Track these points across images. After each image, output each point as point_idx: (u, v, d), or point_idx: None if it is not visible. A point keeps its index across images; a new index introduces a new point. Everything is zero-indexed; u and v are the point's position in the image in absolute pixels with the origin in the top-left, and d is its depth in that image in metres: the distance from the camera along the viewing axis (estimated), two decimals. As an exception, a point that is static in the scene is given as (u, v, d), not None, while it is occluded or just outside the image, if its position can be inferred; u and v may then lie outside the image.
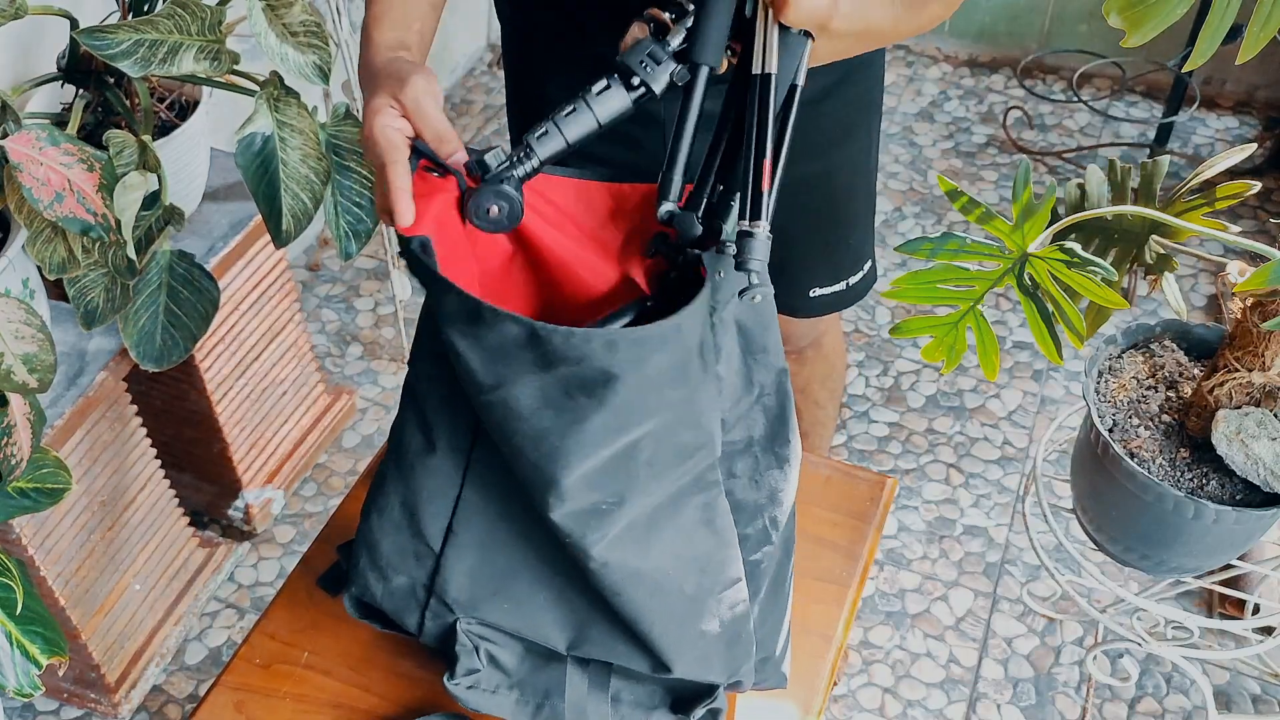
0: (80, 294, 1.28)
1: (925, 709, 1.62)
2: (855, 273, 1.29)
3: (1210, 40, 0.78)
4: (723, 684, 0.89)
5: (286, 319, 1.74)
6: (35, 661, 1.13)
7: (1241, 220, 2.33)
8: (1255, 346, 1.01)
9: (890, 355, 2.12)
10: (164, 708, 1.65)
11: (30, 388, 1.09)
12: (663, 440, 0.76)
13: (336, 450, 1.97)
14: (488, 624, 0.89)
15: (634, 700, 0.91)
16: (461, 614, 0.88)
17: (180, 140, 1.42)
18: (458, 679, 0.90)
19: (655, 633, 0.83)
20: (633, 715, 0.91)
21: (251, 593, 1.78)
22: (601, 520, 0.77)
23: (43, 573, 1.42)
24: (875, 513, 1.12)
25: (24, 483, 1.18)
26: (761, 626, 0.90)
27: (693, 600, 0.83)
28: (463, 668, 0.89)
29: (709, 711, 0.90)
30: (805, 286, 1.27)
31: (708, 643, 0.85)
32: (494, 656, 0.90)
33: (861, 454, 1.96)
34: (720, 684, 0.89)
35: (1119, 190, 1.12)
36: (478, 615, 0.88)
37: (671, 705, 0.92)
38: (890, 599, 1.75)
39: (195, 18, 1.20)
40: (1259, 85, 2.61)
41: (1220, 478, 1.04)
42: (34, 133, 1.10)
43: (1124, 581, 1.71)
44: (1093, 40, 2.66)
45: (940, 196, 2.42)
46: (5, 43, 1.47)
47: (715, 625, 0.85)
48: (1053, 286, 0.98)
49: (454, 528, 0.85)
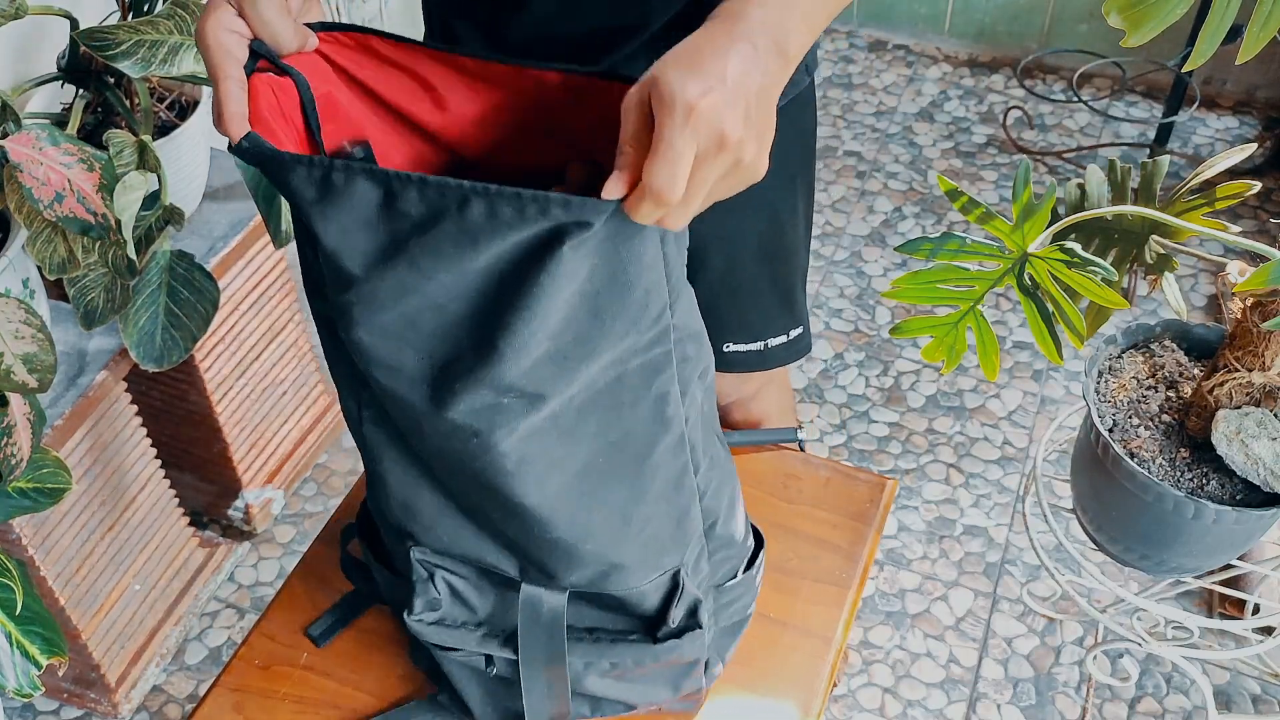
0: (80, 294, 1.28)
1: (925, 709, 1.62)
2: (777, 335, 1.21)
3: (1210, 40, 0.78)
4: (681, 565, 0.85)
5: (286, 319, 1.74)
6: (35, 661, 1.13)
7: (1241, 220, 2.33)
8: (1255, 346, 1.01)
9: (890, 355, 2.12)
10: (164, 708, 1.65)
11: (30, 388, 1.09)
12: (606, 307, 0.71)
13: (336, 450, 1.97)
14: (439, 551, 0.85)
15: (611, 627, 0.88)
16: (411, 542, 0.85)
17: (180, 140, 1.42)
18: (418, 614, 0.87)
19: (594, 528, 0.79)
20: (610, 638, 0.88)
21: (251, 593, 1.78)
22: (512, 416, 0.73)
23: (43, 573, 1.42)
24: (875, 514, 1.12)
25: (24, 483, 1.18)
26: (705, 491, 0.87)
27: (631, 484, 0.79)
28: (421, 601, 0.86)
29: (688, 610, 0.87)
30: (718, 339, 1.17)
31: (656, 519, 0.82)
32: (454, 588, 0.87)
33: (861, 454, 1.95)
34: (678, 566, 0.85)
35: (1119, 190, 1.12)
36: (426, 543, 0.85)
37: (649, 627, 0.88)
38: (890, 599, 1.75)
39: (195, 18, 1.20)
40: (1259, 85, 2.61)
41: (1220, 478, 1.04)
42: (34, 133, 1.10)
43: (1124, 581, 1.71)
44: (1093, 40, 2.66)
45: (940, 196, 2.42)
46: (5, 43, 1.47)
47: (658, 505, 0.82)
48: (1053, 286, 0.98)
49: (373, 464, 0.82)
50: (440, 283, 0.68)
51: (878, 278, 2.27)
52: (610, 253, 0.68)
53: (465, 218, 0.65)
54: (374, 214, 0.66)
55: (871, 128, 2.62)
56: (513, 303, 0.68)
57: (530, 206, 0.63)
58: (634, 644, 0.88)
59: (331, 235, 0.67)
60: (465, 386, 0.71)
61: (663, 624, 0.87)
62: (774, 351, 1.22)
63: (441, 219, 0.65)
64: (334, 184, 0.65)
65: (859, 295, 2.23)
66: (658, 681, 0.92)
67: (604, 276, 0.69)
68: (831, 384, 2.07)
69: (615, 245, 0.68)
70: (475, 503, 0.81)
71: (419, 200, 0.65)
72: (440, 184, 0.64)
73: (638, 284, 0.71)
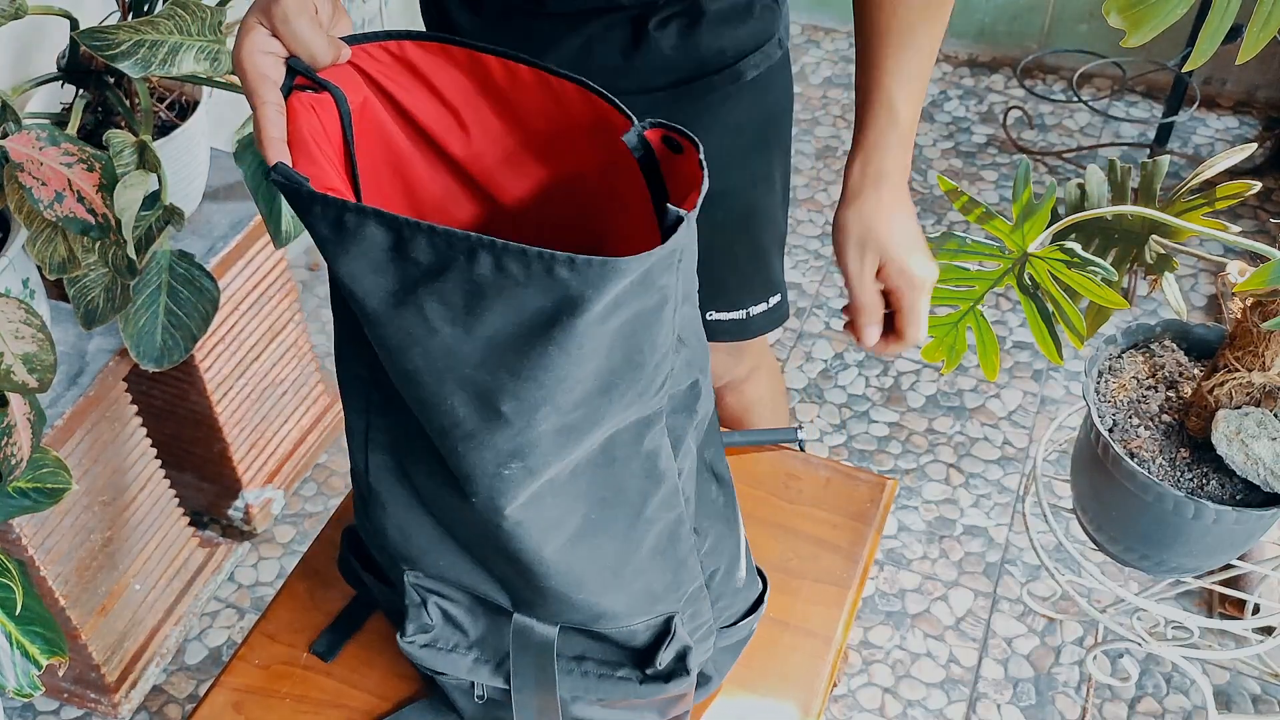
0: (80, 294, 1.28)
1: (925, 709, 1.62)
2: (757, 303, 1.24)
3: (1210, 40, 0.78)
4: (675, 612, 0.85)
5: (286, 319, 1.74)
6: (35, 662, 1.13)
7: (1241, 220, 2.33)
8: (1255, 346, 1.01)
9: (890, 355, 2.12)
10: (164, 708, 1.65)
11: (30, 388, 1.09)
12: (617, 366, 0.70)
13: (336, 450, 1.97)
14: (433, 576, 0.85)
15: (600, 658, 0.89)
16: (405, 566, 0.85)
17: (180, 140, 1.42)
18: (410, 636, 0.86)
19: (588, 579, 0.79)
20: (598, 672, 0.89)
21: (251, 593, 1.78)
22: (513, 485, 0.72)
23: (43, 573, 1.42)
24: (875, 514, 1.12)
25: (24, 483, 1.18)
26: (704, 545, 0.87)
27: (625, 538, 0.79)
28: (413, 625, 0.86)
29: (676, 655, 0.87)
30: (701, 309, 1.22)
31: (650, 571, 0.82)
32: (448, 613, 0.87)
33: (861, 454, 1.95)
34: (673, 612, 0.85)
35: (1119, 190, 1.12)
36: (420, 569, 0.85)
37: (637, 660, 0.88)
38: (890, 599, 1.75)
39: (195, 18, 1.20)
40: (1259, 85, 2.61)
41: (1220, 478, 1.04)
42: (34, 133, 1.11)
43: (1124, 581, 1.71)
44: (1093, 40, 2.66)
45: (940, 196, 2.42)
46: (5, 43, 1.47)
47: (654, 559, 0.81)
48: (1053, 286, 0.98)
49: (373, 486, 0.82)
50: (444, 339, 0.66)
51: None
52: (629, 334, 0.67)
53: (473, 270, 0.63)
54: (384, 258, 0.65)
55: (871, 128, 2.62)
56: (520, 372, 0.66)
57: (536, 264, 0.61)
58: (621, 682, 0.89)
59: (345, 273, 0.67)
60: (468, 450, 0.70)
61: (651, 662, 0.87)
62: (755, 320, 1.25)
63: (450, 268, 0.64)
64: (346, 225, 0.64)
65: (859, 295, 2.23)
66: (645, 710, 0.93)
67: (620, 357, 0.68)
68: (831, 384, 2.07)
69: (634, 328, 0.67)
70: (472, 538, 0.81)
71: (428, 248, 0.64)
72: (448, 234, 0.62)
73: (649, 362, 0.70)
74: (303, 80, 0.71)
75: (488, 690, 0.91)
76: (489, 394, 0.68)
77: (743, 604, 0.95)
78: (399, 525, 0.83)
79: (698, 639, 0.89)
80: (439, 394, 0.68)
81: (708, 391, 0.82)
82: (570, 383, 0.67)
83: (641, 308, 0.66)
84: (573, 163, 0.79)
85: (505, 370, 0.66)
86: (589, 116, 0.74)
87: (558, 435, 0.70)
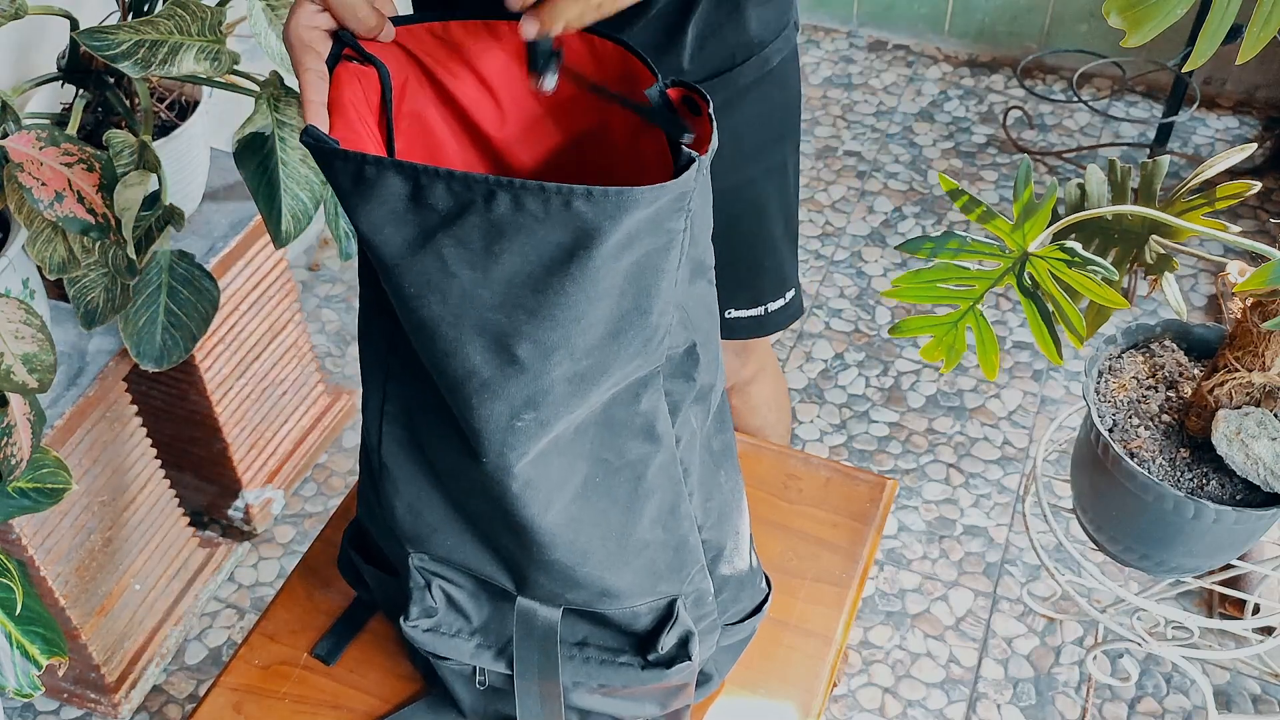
0: (80, 294, 1.28)
1: (925, 709, 1.62)
2: (774, 299, 1.24)
3: (1210, 40, 0.78)
4: (679, 595, 0.86)
5: (286, 319, 1.74)
6: (35, 662, 1.13)
7: (1241, 220, 2.33)
8: (1255, 346, 1.01)
9: (890, 355, 2.12)
10: (164, 708, 1.65)
11: (30, 388, 1.09)
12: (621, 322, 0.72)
13: (336, 450, 1.97)
14: (438, 559, 0.86)
15: (601, 643, 0.89)
16: (411, 548, 0.86)
17: (180, 140, 1.42)
18: (414, 620, 0.87)
19: (592, 551, 0.80)
20: (600, 657, 0.89)
21: (251, 593, 1.78)
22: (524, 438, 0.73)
23: (43, 573, 1.42)
24: (875, 514, 1.12)
25: (24, 483, 1.18)
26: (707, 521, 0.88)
27: (626, 507, 0.80)
28: (417, 609, 0.87)
29: (679, 640, 0.87)
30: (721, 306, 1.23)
31: (652, 546, 0.83)
32: (451, 597, 0.87)
33: (861, 454, 1.96)
34: (675, 595, 0.86)
35: (1119, 190, 1.12)
36: (426, 550, 0.85)
37: (639, 646, 0.89)
38: (890, 599, 1.75)
39: (195, 18, 1.20)
40: (1259, 85, 2.61)
41: (1220, 478, 1.04)
42: (34, 133, 1.11)
43: (1124, 581, 1.71)
44: (1093, 40, 2.66)
45: (940, 196, 2.42)
46: (5, 43, 1.47)
47: (655, 531, 0.82)
48: (1053, 286, 0.98)
49: (385, 463, 0.83)
50: (462, 282, 0.69)
51: (878, 278, 2.27)
52: (638, 275, 0.69)
53: (492, 211, 0.66)
54: (403, 206, 0.68)
55: (871, 128, 2.62)
56: (538, 311, 0.68)
57: (555, 199, 0.64)
58: (622, 668, 0.89)
59: (365, 225, 0.69)
60: (481, 402, 0.72)
61: (653, 647, 0.87)
62: (772, 316, 1.25)
63: (468, 212, 0.66)
64: (366, 177, 0.67)
65: (859, 295, 2.23)
66: (645, 700, 0.93)
67: (630, 302, 0.70)
68: (831, 384, 2.07)
69: (643, 269, 0.69)
70: (480, 511, 0.81)
71: (446, 193, 0.66)
72: (466, 177, 0.65)
73: (654, 308, 0.72)
74: (350, 53, 0.75)
75: (489, 676, 0.91)
76: (505, 338, 0.70)
77: (747, 602, 0.95)
78: (408, 503, 0.84)
79: (703, 630, 0.89)
80: (456, 341, 0.70)
81: (708, 364, 0.83)
82: (585, 324, 0.69)
83: (652, 247, 0.68)
84: (598, 123, 0.81)
85: (523, 310, 0.69)
86: (621, 73, 0.77)
87: (569, 384, 0.72)
